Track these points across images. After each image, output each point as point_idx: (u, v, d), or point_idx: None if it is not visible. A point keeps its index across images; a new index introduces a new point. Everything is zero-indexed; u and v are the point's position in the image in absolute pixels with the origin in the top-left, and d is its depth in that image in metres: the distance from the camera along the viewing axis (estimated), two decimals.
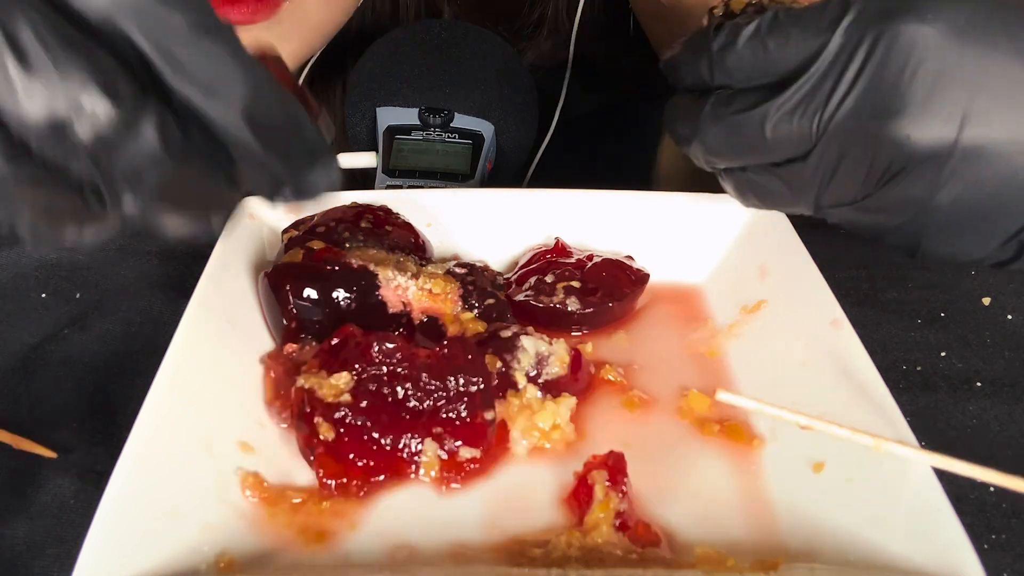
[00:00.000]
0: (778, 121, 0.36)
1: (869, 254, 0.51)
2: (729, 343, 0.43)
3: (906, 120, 0.34)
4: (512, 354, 0.38)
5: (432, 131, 0.59)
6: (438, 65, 0.60)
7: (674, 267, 0.47)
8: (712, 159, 0.41)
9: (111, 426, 0.40)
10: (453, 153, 0.59)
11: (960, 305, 0.47)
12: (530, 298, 0.43)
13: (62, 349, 0.45)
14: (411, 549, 0.32)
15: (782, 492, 0.34)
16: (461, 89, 0.60)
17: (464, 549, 0.32)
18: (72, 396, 0.42)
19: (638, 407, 0.39)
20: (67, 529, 0.35)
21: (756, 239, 0.46)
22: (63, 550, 0.34)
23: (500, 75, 0.62)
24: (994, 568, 0.30)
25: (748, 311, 0.43)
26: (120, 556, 0.29)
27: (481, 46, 0.62)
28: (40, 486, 0.37)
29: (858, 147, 0.35)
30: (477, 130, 0.60)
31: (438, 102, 0.60)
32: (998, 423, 0.40)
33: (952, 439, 0.39)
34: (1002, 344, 0.44)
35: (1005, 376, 0.43)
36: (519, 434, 0.36)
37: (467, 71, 0.60)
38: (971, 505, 0.36)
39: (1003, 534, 0.35)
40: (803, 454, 0.35)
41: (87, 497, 0.36)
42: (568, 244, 0.47)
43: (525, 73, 0.64)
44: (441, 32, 0.62)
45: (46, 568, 0.34)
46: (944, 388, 0.42)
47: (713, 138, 0.39)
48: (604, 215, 0.48)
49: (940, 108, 0.34)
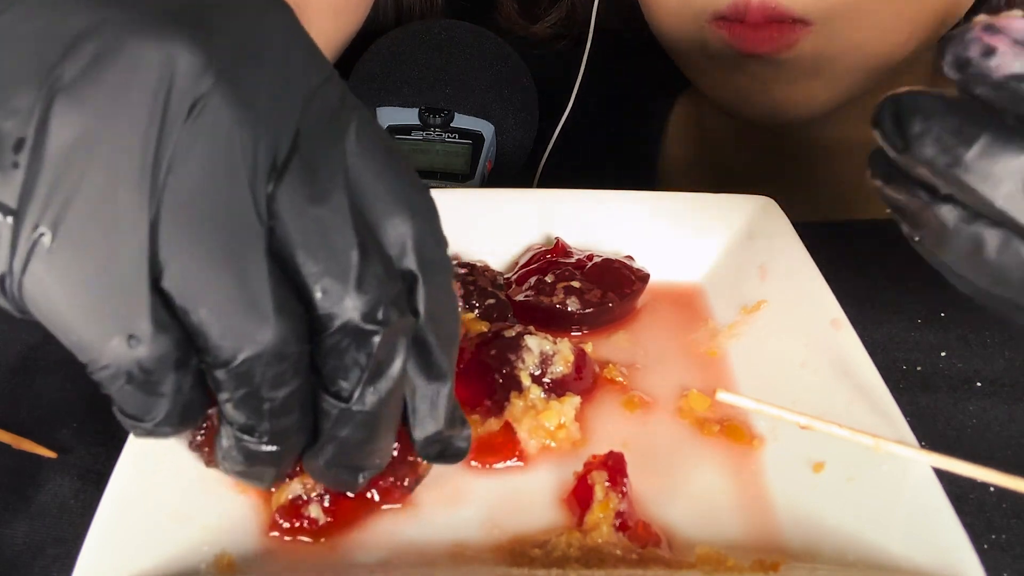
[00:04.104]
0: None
1: (869, 254, 0.51)
2: (729, 343, 0.43)
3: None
4: (516, 354, 0.38)
5: (432, 131, 0.59)
6: (438, 65, 0.60)
7: (674, 267, 0.47)
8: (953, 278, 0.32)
9: (111, 426, 0.39)
10: (453, 153, 0.59)
11: (960, 305, 0.47)
12: (530, 298, 0.43)
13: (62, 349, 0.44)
14: (411, 549, 0.32)
15: (782, 492, 0.34)
16: (461, 89, 0.60)
17: (464, 549, 0.32)
18: (72, 396, 0.42)
19: (638, 407, 0.39)
20: (67, 529, 0.35)
21: (756, 239, 0.46)
22: (63, 550, 0.34)
23: (500, 75, 0.61)
24: (994, 568, 0.30)
25: (748, 311, 0.43)
26: (120, 556, 0.29)
27: (481, 46, 0.62)
28: (40, 486, 0.37)
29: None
30: (477, 130, 0.60)
31: (438, 102, 0.59)
32: (998, 423, 0.40)
33: (952, 439, 0.39)
34: (1002, 344, 0.44)
35: (1005, 376, 0.43)
36: (527, 434, 0.36)
37: (467, 71, 0.60)
38: (971, 505, 0.36)
39: (1003, 534, 0.35)
40: (803, 454, 0.35)
41: (87, 497, 0.36)
42: (568, 244, 0.47)
43: (525, 73, 0.64)
44: (441, 32, 0.62)
45: (46, 568, 0.34)
46: (944, 388, 0.42)
47: (964, 264, 0.30)
48: (604, 215, 0.48)
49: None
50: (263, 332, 0.24)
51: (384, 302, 0.25)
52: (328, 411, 0.26)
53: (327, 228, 0.24)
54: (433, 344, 0.27)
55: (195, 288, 0.23)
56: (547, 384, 0.38)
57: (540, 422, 0.37)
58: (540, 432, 0.37)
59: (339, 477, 0.29)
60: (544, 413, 0.37)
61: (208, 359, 0.24)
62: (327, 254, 0.24)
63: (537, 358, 0.39)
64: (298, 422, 0.26)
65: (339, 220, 0.25)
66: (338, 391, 0.26)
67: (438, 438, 0.29)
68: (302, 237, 0.24)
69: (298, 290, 0.25)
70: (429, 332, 0.27)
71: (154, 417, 0.25)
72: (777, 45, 0.50)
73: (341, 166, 0.25)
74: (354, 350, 0.25)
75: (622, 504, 0.33)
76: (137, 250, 0.23)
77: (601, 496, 0.33)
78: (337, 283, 0.24)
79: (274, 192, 0.24)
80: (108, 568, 0.29)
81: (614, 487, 0.33)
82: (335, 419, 0.26)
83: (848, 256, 0.49)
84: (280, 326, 0.24)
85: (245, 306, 0.23)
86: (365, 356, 0.25)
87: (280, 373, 0.24)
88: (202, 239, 0.23)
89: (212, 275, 0.23)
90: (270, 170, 0.24)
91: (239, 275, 0.23)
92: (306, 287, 0.24)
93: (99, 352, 0.24)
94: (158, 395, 0.25)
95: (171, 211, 0.23)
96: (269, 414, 0.25)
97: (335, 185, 0.25)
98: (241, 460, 0.27)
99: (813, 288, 0.41)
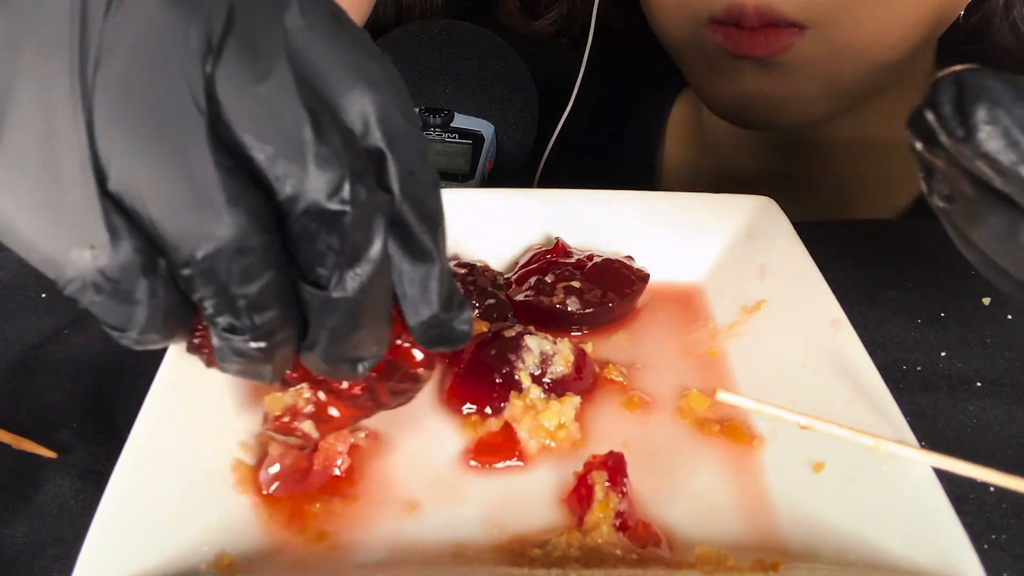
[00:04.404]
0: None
1: (869, 254, 0.51)
2: (729, 343, 0.43)
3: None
4: (516, 354, 0.38)
5: (432, 131, 0.59)
6: (438, 65, 0.60)
7: (674, 267, 0.47)
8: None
9: (111, 426, 0.40)
10: (453, 153, 0.59)
11: (960, 305, 0.47)
12: (530, 298, 0.43)
13: (62, 349, 0.45)
14: (411, 549, 0.32)
15: (782, 492, 0.34)
16: (461, 89, 0.60)
17: (464, 549, 0.32)
18: (72, 396, 0.42)
19: (638, 407, 0.39)
20: (67, 529, 0.35)
21: (756, 239, 0.46)
22: (63, 550, 0.34)
23: (500, 75, 0.62)
24: (994, 568, 0.30)
25: (748, 311, 0.43)
26: (120, 556, 0.29)
27: (481, 46, 0.62)
28: (40, 486, 0.37)
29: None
30: (477, 130, 0.60)
31: (438, 102, 0.60)
32: (998, 423, 0.40)
33: (952, 439, 0.39)
34: (1002, 344, 0.44)
35: (1005, 376, 0.43)
36: (527, 434, 0.36)
37: (467, 71, 0.61)
38: (971, 505, 0.36)
39: (1003, 534, 0.35)
40: (803, 454, 0.35)
41: (87, 497, 0.36)
42: (568, 244, 0.47)
43: (525, 73, 0.64)
44: (441, 32, 0.62)
45: (46, 568, 0.34)
46: (944, 388, 0.42)
47: (995, 244, 0.28)
48: (604, 215, 0.48)
49: None
50: (218, 227, 0.23)
51: (347, 178, 0.23)
52: (310, 302, 0.25)
53: (274, 106, 0.23)
54: (413, 223, 0.26)
55: (141, 187, 0.22)
56: (547, 384, 0.38)
57: (540, 422, 0.37)
58: (540, 432, 0.37)
59: (339, 369, 0.27)
60: (544, 413, 0.37)
61: (170, 260, 0.23)
62: (277, 134, 0.23)
63: (537, 358, 0.39)
64: (280, 316, 0.25)
65: (285, 96, 0.23)
66: (316, 279, 0.24)
67: (435, 323, 0.28)
68: (248, 120, 0.23)
69: (255, 178, 0.23)
70: (407, 211, 0.25)
71: (136, 325, 0.24)
72: (772, 49, 0.50)
73: (282, 40, 0.23)
74: (325, 234, 0.23)
75: (622, 504, 0.33)
76: (78, 155, 0.22)
77: (601, 496, 0.33)
78: (293, 164, 0.23)
79: (212, 75, 0.22)
80: (108, 568, 0.29)
81: (614, 487, 0.33)
82: (319, 309, 0.25)
83: (848, 256, 0.49)
84: (235, 218, 0.23)
85: (194, 201, 0.22)
86: (338, 239, 0.24)
87: (247, 267, 0.23)
88: (139, 135, 0.22)
89: (155, 172, 0.22)
90: (205, 52, 0.22)
91: (183, 169, 0.22)
92: (262, 173, 0.23)
93: (62, 265, 0.23)
94: (133, 302, 0.24)
95: (104, 109, 0.22)
96: (247, 310, 0.24)
97: (277, 60, 0.23)
98: (231, 356, 0.26)
99: (813, 288, 0.41)
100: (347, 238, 0.24)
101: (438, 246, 0.27)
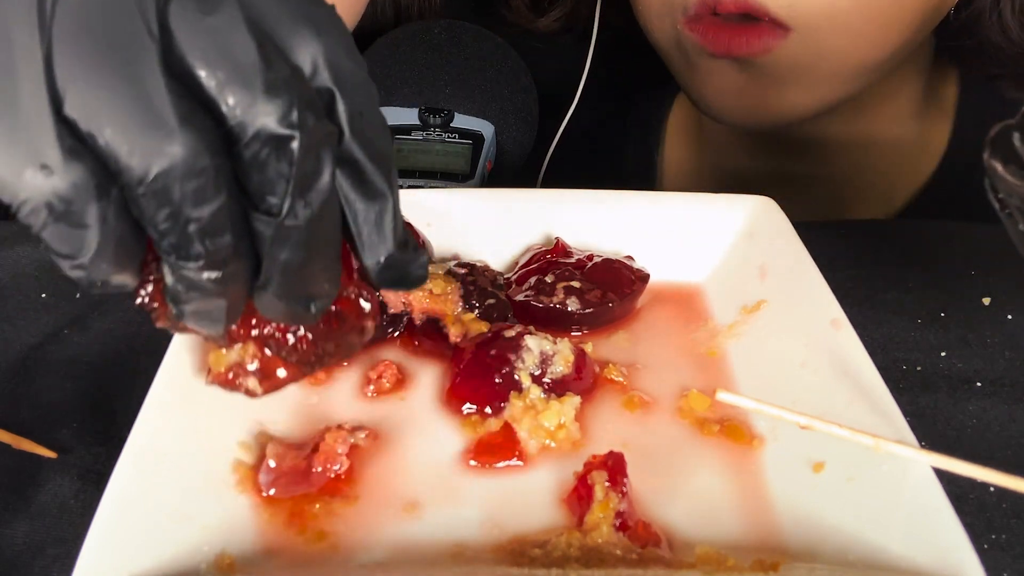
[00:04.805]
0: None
1: (869, 254, 0.51)
2: (729, 343, 0.43)
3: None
4: (516, 354, 0.38)
5: (432, 131, 0.59)
6: (438, 65, 0.60)
7: (674, 267, 0.47)
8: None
9: (111, 426, 0.40)
10: (453, 153, 0.59)
11: (960, 305, 0.47)
12: (530, 298, 0.43)
13: (62, 349, 0.45)
14: (411, 549, 0.32)
15: (782, 492, 0.34)
16: (461, 89, 0.60)
17: (464, 549, 0.32)
18: (72, 396, 0.42)
19: (638, 407, 0.39)
20: (67, 529, 0.35)
21: (756, 239, 0.46)
22: (63, 550, 0.34)
23: (500, 75, 0.62)
24: (994, 568, 0.30)
25: (748, 311, 0.43)
26: (120, 556, 0.29)
27: (481, 46, 0.62)
28: (40, 486, 0.37)
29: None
30: (477, 130, 0.60)
31: (438, 102, 0.60)
32: (998, 423, 0.40)
33: (952, 439, 0.39)
34: (1002, 344, 0.44)
35: (1005, 376, 0.43)
36: (527, 434, 0.36)
37: (467, 71, 0.61)
38: (971, 505, 0.36)
39: (1003, 534, 0.35)
40: (803, 454, 0.35)
41: (87, 497, 0.36)
42: (568, 244, 0.47)
43: (525, 73, 0.64)
44: (441, 32, 0.62)
45: (46, 568, 0.34)
46: (944, 388, 0.42)
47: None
48: (604, 215, 0.48)
49: None
50: (170, 144, 0.24)
51: (296, 105, 0.24)
52: (262, 232, 0.26)
53: (223, 36, 0.24)
54: (364, 162, 0.27)
55: (96, 110, 0.23)
56: (547, 384, 0.38)
57: (540, 422, 0.37)
58: (540, 432, 0.37)
59: (291, 309, 0.28)
60: (544, 413, 0.37)
61: (124, 181, 0.24)
62: (227, 63, 0.24)
63: (537, 358, 0.39)
64: (232, 245, 0.25)
65: (234, 27, 0.24)
66: (268, 208, 0.25)
67: (391, 263, 0.28)
68: (199, 49, 0.24)
69: (207, 106, 0.24)
70: (357, 150, 0.27)
71: (87, 251, 0.25)
72: (753, 50, 0.50)
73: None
74: (275, 160, 0.25)
75: (622, 504, 0.33)
76: (35, 83, 0.23)
77: (601, 496, 0.33)
78: (243, 90, 0.24)
79: (164, 7, 0.24)
80: (108, 568, 0.29)
81: (614, 487, 0.33)
82: (272, 240, 0.26)
83: (848, 256, 0.49)
84: (187, 137, 0.24)
85: (148, 121, 0.23)
86: (287, 165, 0.25)
87: (199, 188, 0.24)
88: (96, 62, 0.23)
89: (110, 94, 0.23)
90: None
91: (137, 91, 0.23)
92: (213, 101, 0.24)
93: (15, 187, 0.24)
94: (83, 226, 0.24)
95: (62, 41, 0.23)
96: (199, 235, 0.25)
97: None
98: (184, 293, 0.26)
99: (813, 288, 0.41)
100: (297, 165, 0.25)
101: (391, 185, 0.28)
